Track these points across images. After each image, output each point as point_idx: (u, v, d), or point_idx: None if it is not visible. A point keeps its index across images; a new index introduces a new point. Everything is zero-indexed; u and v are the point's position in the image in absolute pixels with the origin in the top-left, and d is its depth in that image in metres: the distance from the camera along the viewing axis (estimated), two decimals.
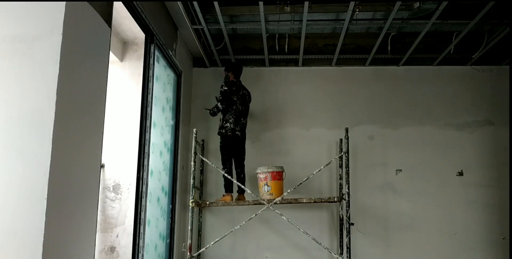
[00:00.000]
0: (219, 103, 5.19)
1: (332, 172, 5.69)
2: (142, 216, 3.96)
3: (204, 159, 5.20)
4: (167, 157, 4.97)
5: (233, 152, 5.17)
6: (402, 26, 5.20)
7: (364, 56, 5.87)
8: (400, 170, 5.74)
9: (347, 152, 5.04)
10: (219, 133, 5.17)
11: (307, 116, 5.93)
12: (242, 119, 5.20)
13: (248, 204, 5.04)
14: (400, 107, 5.91)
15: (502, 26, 5.11)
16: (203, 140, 5.78)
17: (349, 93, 5.97)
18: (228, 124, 5.09)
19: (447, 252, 5.54)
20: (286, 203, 5.04)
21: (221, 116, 5.25)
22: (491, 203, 5.63)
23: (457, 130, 5.83)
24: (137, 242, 3.94)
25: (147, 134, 4.11)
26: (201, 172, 5.74)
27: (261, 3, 4.48)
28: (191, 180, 5.01)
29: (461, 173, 5.72)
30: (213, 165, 5.22)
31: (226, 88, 5.20)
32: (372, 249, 5.55)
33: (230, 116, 5.11)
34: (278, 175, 5.10)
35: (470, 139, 5.80)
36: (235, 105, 5.15)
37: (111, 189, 4.27)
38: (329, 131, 5.84)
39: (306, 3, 4.53)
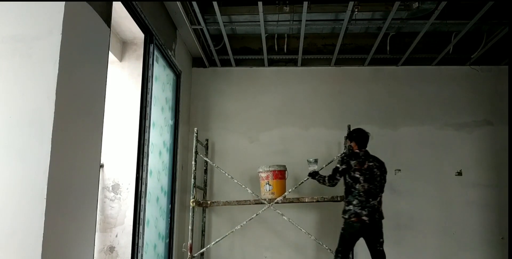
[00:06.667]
0: (327, 179, 4.48)
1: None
2: (141, 216, 3.97)
3: (205, 158, 5.18)
4: (166, 157, 4.98)
5: (363, 240, 4.37)
6: (401, 26, 5.21)
7: (363, 56, 5.87)
8: (399, 170, 5.74)
9: (348, 150, 4.96)
10: (343, 218, 4.38)
11: (306, 116, 5.93)
12: (371, 200, 4.26)
13: (249, 204, 5.01)
14: (399, 107, 5.91)
15: (501, 26, 5.12)
16: (207, 140, 5.77)
17: (348, 93, 5.98)
18: (351, 207, 4.25)
19: (446, 251, 5.55)
20: (288, 202, 4.96)
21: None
22: (490, 203, 5.64)
23: (456, 130, 5.84)
24: (136, 242, 3.95)
25: (146, 134, 4.12)
26: (205, 171, 5.72)
27: (260, 3, 4.49)
28: (192, 180, 5.00)
29: (460, 173, 5.73)
30: (214, 165, 5.22)
31: (338, 165, 4.41)
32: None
33: (354, 198, 4.27)
34: (280, 174, 5.03)
35: (469, 139, 5.81)
36: (358, 183, 4.28)
37: (111, 189, 4.28)
38: (329, 131, 5.85)
39: (305, 3, 4.54)
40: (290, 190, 4.87)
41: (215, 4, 4.54)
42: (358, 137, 4.52)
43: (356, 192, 4.26)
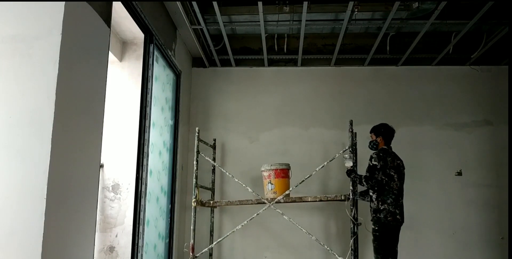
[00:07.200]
0: (363, 181, 4.21)
1: (335, 171, 5.68)
2: (141, 216, 3.97)
3: (207, 158, 5.11)
4: (166, 157, 4.98)
5: (394, 242, 4.24)
6: (401, 26, 5.21)
7: (363, 56, 5.87)
8: None
9: (352, 146, 4.78)
10: (373, 219, 4.22)
11: (306, 116, 5.93)
12: (400, 199, 4.21)
13: (251, 203, 4.92)
14: (399, 107, 5.91)
15: (501, 26, 5.12)
16: (214, 140, 5.73)
17: (348, 93, 5.98)
18: (386, 206, 4.14)
19: (446, 251, 5.55)
20: (291, 202, 4.84)
21: (372, 195, 4.28)
22: (489, 203, 5.64)
23: (456, 130, 5.84)
24: (136, 242, 3.95)
25: (146, 134, 4.12)
26: (213, 171, 5.66)
27: (260, 3, 4.49)
28: (194, 180, 4.97)
29: (459, 173, 5.72)
30: (216, 164, 5.18)
31: (376, 162, 4.18)
32: (370, 249, 5.53)
33: (388, 196, 4.15)
34: (283, 173, 4.90)
35: (469, 139, 5.81)
36: (392, 181, 4.18)
37: (110, 189, 4.28)
38: (329, 131, 5.85)
39: (305, 3, 4.54)
40: (290, 189, 4.80)
41: (215, 4, 4.54)
42: (386, 132, 4.42)
43: (390, 190, 4.15)
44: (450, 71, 5.99)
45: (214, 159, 5.58)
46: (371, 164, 4.22)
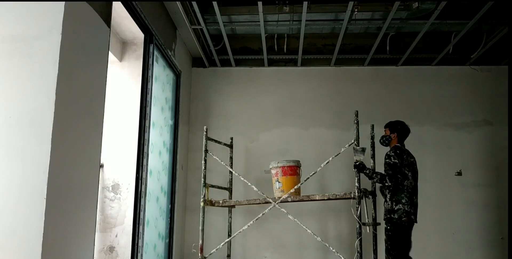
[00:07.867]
0: (387, 179, 4.02)
1: (334, 171, 5.67)
2: (141, 216, 3.97)
3: (214, 157, 5.04)
4: (166, 157, 4.98)
5: (406, 243, 4.09)
6: (401, 26, 5.21)
7: (363, 56, 5.87)
8: None
9: (358, 139, 4.48)
10: (385, 219, 4.10)
11: (306, 116, 5.93)
12: (414, 197, 4.10)
13: (258, 203, 4.79)
14: (399, 107, 5.91)
15: (501, 26, 5.12)
16: (231, 138, 5.58)
17: (348, 93, 5.98)
18: (400, 206, 4.02)
19: (446, 251, 5.55)
20: (299, 201, 4.67)
21: (387, 195, 4.14)
22: (489, 203, 5.64)
23: (456, 130, 5.84)
24: (136, 242, 3.95)
25: (146, 134, 4.12)
26: (230, 171, 5.52)
27: (260, 3, 4.49)
28: (202, 179, 4.91)
29: (459, 173, 5.72)
30: (222, 163, 5.14)
31: (396, 160, 4.04)
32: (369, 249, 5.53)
33: (403, 195, 4.03)
34: (290, 170, 4.69)
35: (469, 139, 5.81)
36: (406, 179, 4.06)
37: (110, 189, 4.28)
38: (328, 131, 5.85)
39: (305, 3, 4.54)
40: (296, 187, 4.66)
41: (215, 4, 4.54)
42: (402, 130, 4.28)
43: (405, 189, 4.03)
44: (450, 71, 5.99)
45: (231, 158, 5.46)
46: (391, 163, 4.06)
